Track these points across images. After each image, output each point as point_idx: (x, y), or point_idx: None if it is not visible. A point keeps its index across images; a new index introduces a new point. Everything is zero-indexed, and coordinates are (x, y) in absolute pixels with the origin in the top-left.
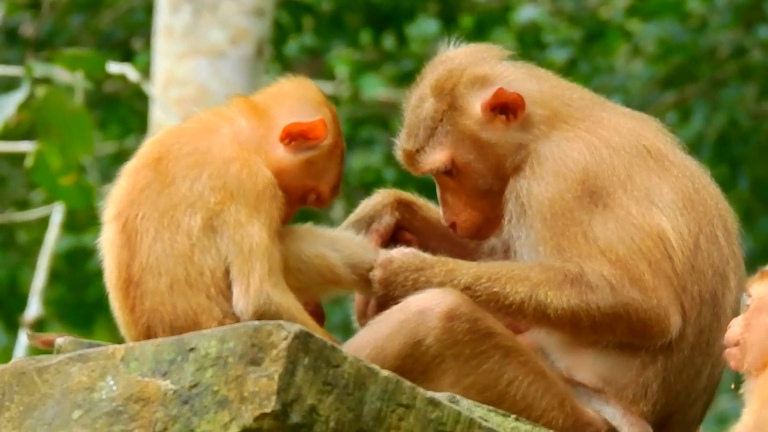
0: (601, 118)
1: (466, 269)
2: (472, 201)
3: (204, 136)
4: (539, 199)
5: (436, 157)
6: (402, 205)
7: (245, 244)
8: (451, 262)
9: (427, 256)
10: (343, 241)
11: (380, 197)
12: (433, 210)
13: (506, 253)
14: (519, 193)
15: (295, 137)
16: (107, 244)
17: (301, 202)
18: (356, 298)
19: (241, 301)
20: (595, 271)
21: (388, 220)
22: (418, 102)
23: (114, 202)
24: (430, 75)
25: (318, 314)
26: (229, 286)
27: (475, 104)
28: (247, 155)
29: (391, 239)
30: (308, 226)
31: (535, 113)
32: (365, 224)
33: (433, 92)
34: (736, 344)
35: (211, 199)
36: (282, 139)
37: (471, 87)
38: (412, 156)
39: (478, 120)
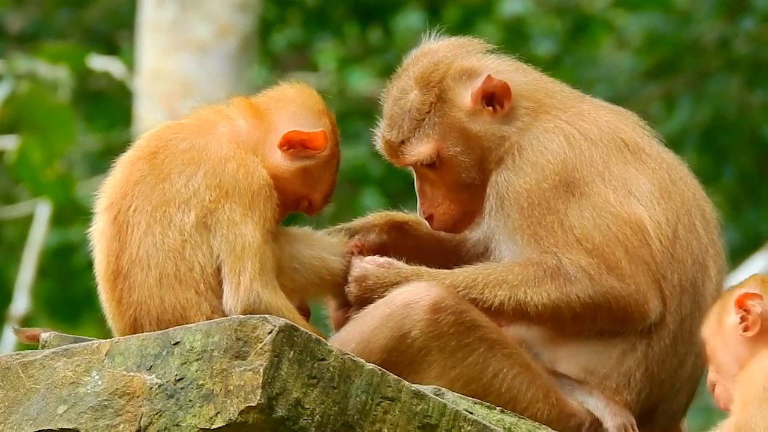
0: (582, 111)
1: (441, 279)
2: (452, 194)
3: (201, 132)
4: (517, 190)
5: (421, 149)
6: (394, 228)
7: (238, 243)
8: (426, 273)
9: (402, 266)
10: (338, 247)
11: (372, 217)
12: (424, 225)
13: (482, 255)
14: (498, 186)
15: (294, 145)
16: (98, 234)
17: (293, 208)
18: (332, 312)
19: (231, 299)
20: (573, 262)
21: (374, 238)
22: (401, 93)
23: (107, 192)
24: (413, 67)
25: (303, 311)
26: (219, 283)
27: (465, 95)
28: (243, 154)
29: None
30: (306, 229)
31: (520, 105)
32: (348, 235)
33: (419, 84)
34: (713, 387)
35: (206, 197)
36: (281, 145)
37: (459, 79)
38: (396, 147)
39: (467, 111)
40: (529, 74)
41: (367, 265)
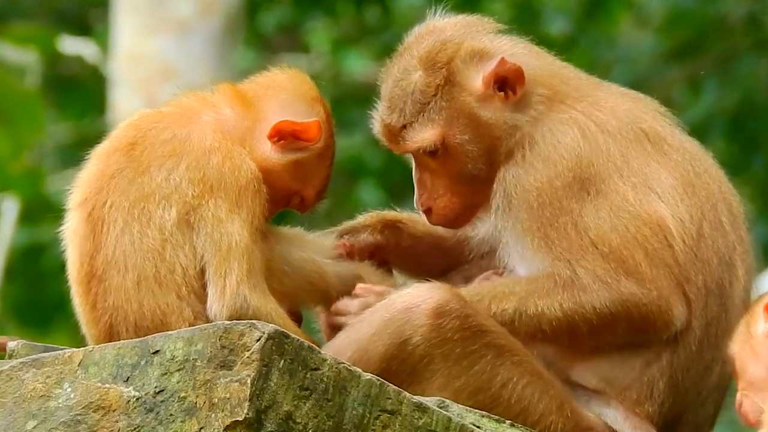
0: (599, 99)
1: None
2: (454, 185)
3: (184, 122)
4: (526, 188)
5: (425, 135)
6: (388, 228)
7: (224, 243)
8: None
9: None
10: (331, 250)
11: (363, 218)
12: (420, 223)
13: (486, 256)
14: (507, 183)
15: (285, 136)
16: (70, 233)
17: (283, 205)
18: (322, 320)
19: (216, 303)
20: (588, 270)
21: (365, 237)
22: (403, 74)
23: (80, 187)
24: (418, 45)
25: (295, 316)
26: (203, 286)
27: (476, 78)
28: (230, 146)
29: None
30: (298, 230)
31: (534, 92)
32: (338, 237)
33: (424, 64)
34: (741, 405)
35: (188, 192)
36: (270, 136)
37: (470, 61)
38: (396, 132)
39: (478, 96)
40: (543, 59)
41: (368, 299)
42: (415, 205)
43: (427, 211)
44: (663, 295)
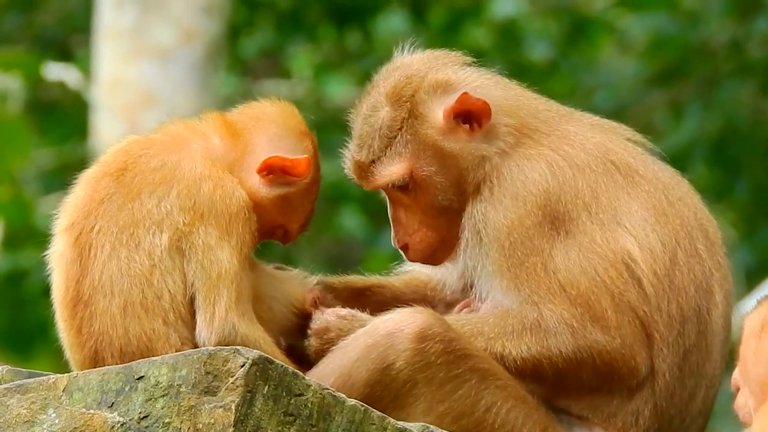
0: (568, 133)
1: None
2: (428, 219)
3: (173, 149)
4: (497, 226)
5: (393, 169)
6: (354, 297)
7: (213, 270)
8: None
9: (366, 317)
10: (304, 285)
11: (333, 280)
12: (387, 288)
13: (463, 292)
14: (475, 219)
15: (274, 171)
16: (57, 257)
17: (267, 236)
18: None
19: (205, 330)
20: (555, 314)
21: (330, 300)
22: (371, 111)
23: (68, 211)
24: (384, 82)
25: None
26: (190, 313)
27: (438, 111)
28: (221, 174)
29: None
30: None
31: (500, 123)
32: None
33: (390, 99)
34: (737, 390)
35: (179, 220)
36: (260, 171)
37: (433, 93)
38: (366, 168)
39: (440, 129)
40: (511, 90)
41: (329, 317)
42: (392, 242)
43: (404, 248)
44: (626, 343)
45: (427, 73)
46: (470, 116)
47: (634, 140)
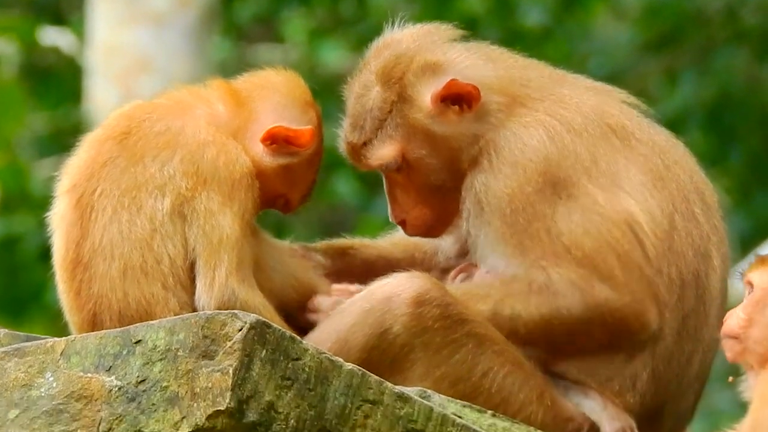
0: (563, 96)
1: None
2: (423, 197)
3: (177, 114)
4: (497, 195)
5: (384, 152)
6: (338, 254)
7: (215, 235)
8: None
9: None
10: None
11: (315, 244)
12: (372, 247)
13: (458, 258)
14: (476, 190)
15: (277, 140)
16: (57, 218)
17: (268, 206)
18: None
19: (204, 295)
20: (562, 276)
21: (318, 257)
22: (363, 90)
23: (70, 173)
24: (375, 60)
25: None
26: (190, 278)
27: (426, 95)
28: (224, 140)
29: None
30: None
31: (491, 101)
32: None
33: (380, 80)
34: (735, 338)
35: (182, 185)
36: (264, 140)
37: (421, 75)
38: (358, 150)
39: (428, 113)
40: (501, 64)
41: (342, 298)
42: (389, 218)
43: (402, 223)
44: (636, 299)
45: (417, 53)
46: (459, 99)
47: (629, 102)
